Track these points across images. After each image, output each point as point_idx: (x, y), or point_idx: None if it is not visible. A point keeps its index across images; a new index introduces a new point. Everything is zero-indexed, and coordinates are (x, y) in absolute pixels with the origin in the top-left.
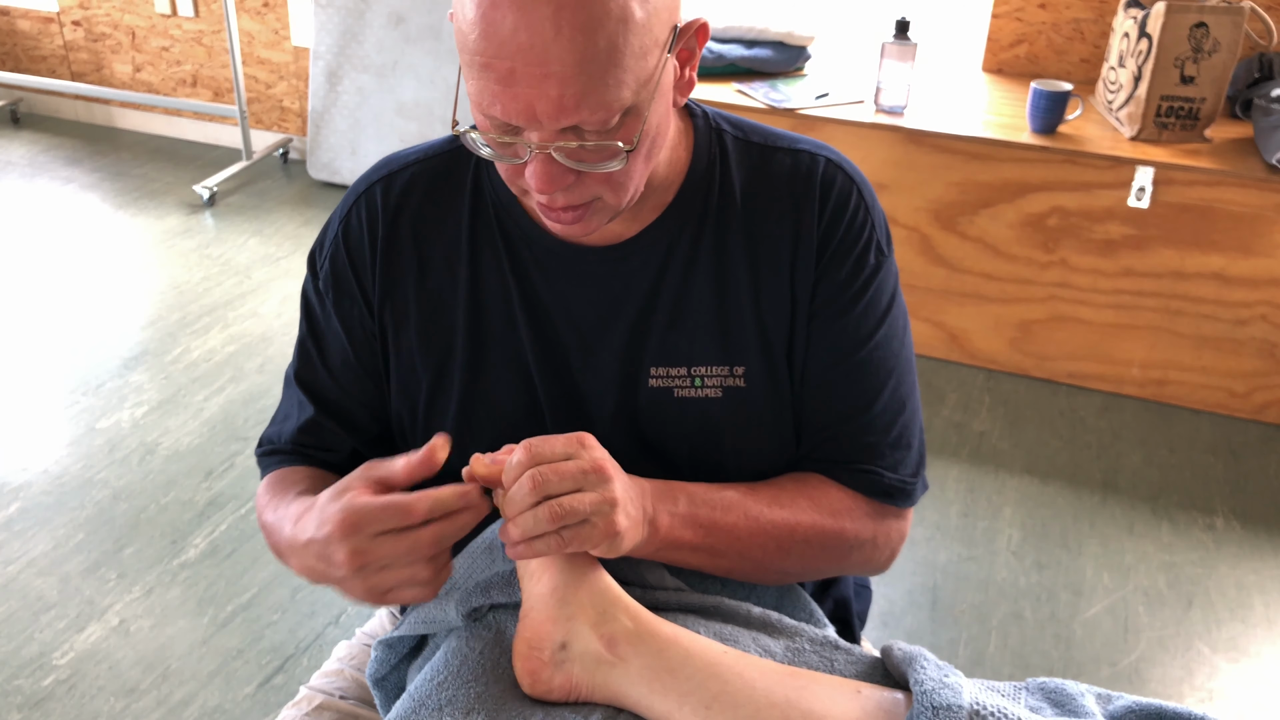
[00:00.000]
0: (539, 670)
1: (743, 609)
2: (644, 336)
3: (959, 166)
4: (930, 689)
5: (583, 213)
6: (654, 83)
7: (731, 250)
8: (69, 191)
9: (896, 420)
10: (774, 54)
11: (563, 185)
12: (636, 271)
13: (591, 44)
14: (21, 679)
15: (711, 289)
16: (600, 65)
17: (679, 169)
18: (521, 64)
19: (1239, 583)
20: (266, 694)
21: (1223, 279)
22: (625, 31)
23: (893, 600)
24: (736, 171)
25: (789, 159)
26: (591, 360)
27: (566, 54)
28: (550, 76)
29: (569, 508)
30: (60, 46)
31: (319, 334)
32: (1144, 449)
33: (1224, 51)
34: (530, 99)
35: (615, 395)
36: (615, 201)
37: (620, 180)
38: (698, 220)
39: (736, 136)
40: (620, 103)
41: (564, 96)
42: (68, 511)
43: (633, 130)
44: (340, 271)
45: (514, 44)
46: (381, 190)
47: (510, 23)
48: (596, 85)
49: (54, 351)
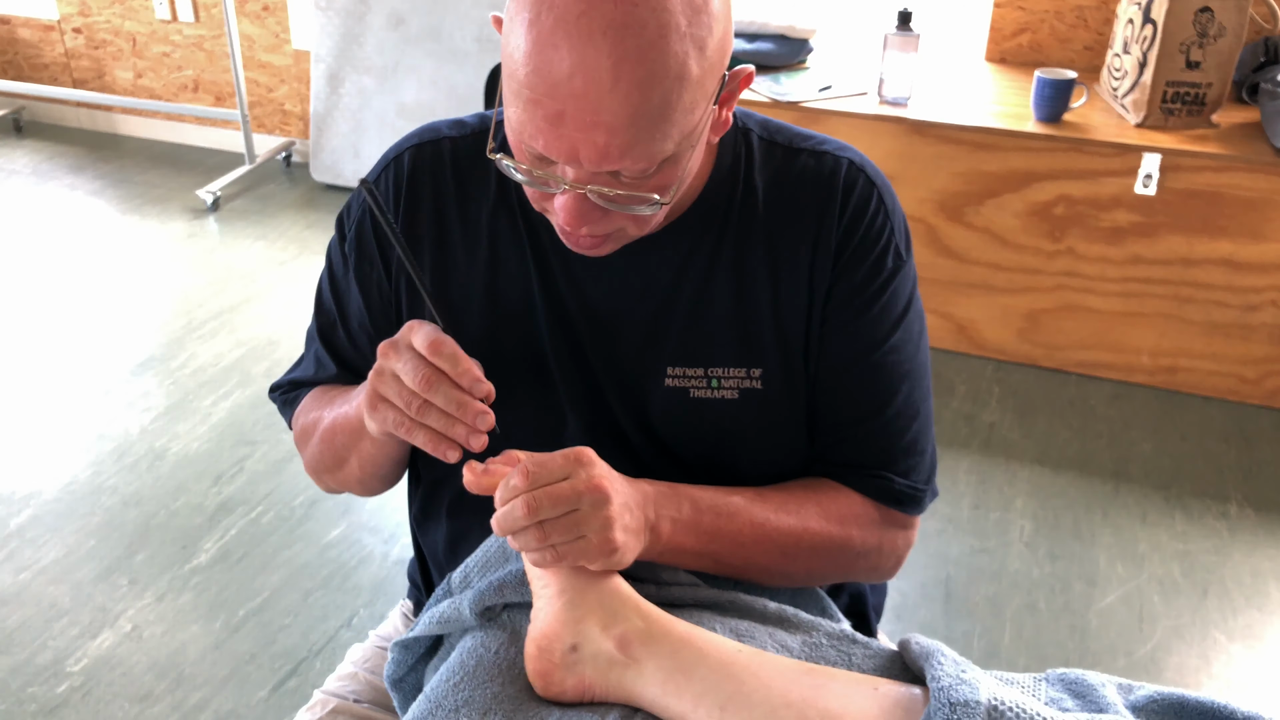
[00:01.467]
0: (550, 672)
1: (758, 604)
2: (662, 335)
3: (964, 157)
4: (947, 685)
5: (602, 240)
6: (697, 133)
7: (752, 251)
8: (73, 199)
9: (910, 426)
10: (776, 47)
11: (590, 222)
12: (656, 269)
13: (647, 99)
14: (36, 686)
15: (731, 290)
16: (652, 120)
17: (704, 169)
18: (573, 109)
19: (1254, 570)
20: (280, 698)
21: (1232, 265)
22: (680, 88)
23: (906, 593)
24: (760, 172)
25: (812, 160)
26: (608, 354)
27: (621, 107)
28: (600, 125)
29: (559, 528)
30: (61, 54)
31: (339, 294)
32: (1155, 437)
33: (1229, 36)
34: (576, 142)
35: (631, 392)
36: (637, 233)
37: (646, 218)
38: (720, 221)
39: (762, 137)
40: (663, 154)
41: (610, 145)
42: (78, 518)
43: (669, 178)
44: (364, 234)
45: (568, 89)
46: (411, 158)
47: (567, 66)
48: (644, 138)
49: (61, 359)
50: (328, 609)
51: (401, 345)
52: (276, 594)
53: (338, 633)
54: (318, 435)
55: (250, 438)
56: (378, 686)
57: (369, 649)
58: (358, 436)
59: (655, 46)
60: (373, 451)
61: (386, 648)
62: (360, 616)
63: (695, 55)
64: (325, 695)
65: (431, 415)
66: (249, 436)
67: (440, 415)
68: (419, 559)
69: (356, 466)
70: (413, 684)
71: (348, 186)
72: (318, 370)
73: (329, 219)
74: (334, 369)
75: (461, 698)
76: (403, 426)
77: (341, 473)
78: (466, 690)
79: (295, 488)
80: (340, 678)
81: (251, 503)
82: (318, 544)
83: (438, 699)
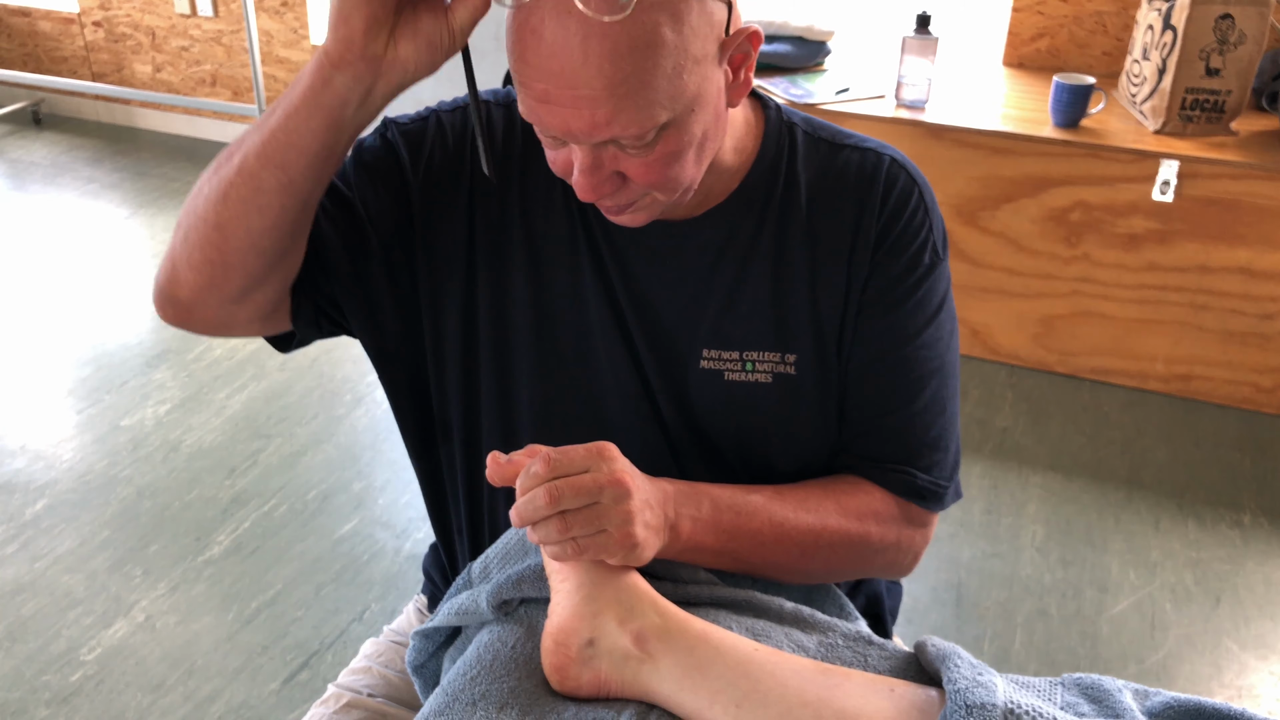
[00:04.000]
0: (566, 667)
1: (775, 604)
2: (698, 317)
3: (981, 161)
4: (964, 687)
5: (627, 205)
6: (698, 97)
7: (792, 241)
8: (91, 191)
9: (935, 422)
10: (794, 49)
11: (607, 192)
12: (695, 252)
13: (619, 69)
14: (50, 674)
15: (769, 276)
16: (629, 88)
17: (746, 158)
18: (555, 86)
19: (1267, 579)
20: (292, 690)
21: (1249, 273)
22: (654, 55)
23: (917, 597)
24: (804, 166)
25: (855, 156)
26: (648, 333)
27: (594, 79)
28: (581, 99)
29: (581, 520)
30: (81, 47)
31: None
32: (1169, 445)
33: (1250, 43)
34: (565, 117)
35: (669, 372)
36: (667, 198)
37: (672, 180)
38: (760, 209)
39: (807, 132)
40: (654, 120)
41: (595, 116)
42: (93, 509)
43: (676, 143)
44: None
45: (546, 68)
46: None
47: (543, 48)
48: (626, 106)
49: (77, 351)
50: (340, 603)
51: None
52: (289, 587)
53: (349, 626)
54: (220, 157)
55: (264, 431)
56: (391, 681)
57: (383, 644)
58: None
59: (618, 20)
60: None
61: (400, 643)
62: (372, 611)
63: (670, 23)
64: (338, 689)
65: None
66: (263, 430)
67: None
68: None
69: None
70: (434, 670)
71: None
72: None
73: None
74: None
75: (478, 692)
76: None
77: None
78: (483, 685)
79: (309, 482)
80: (354, 672)
81: (265, 496)
82: (330, 538)
83: (454, 693)
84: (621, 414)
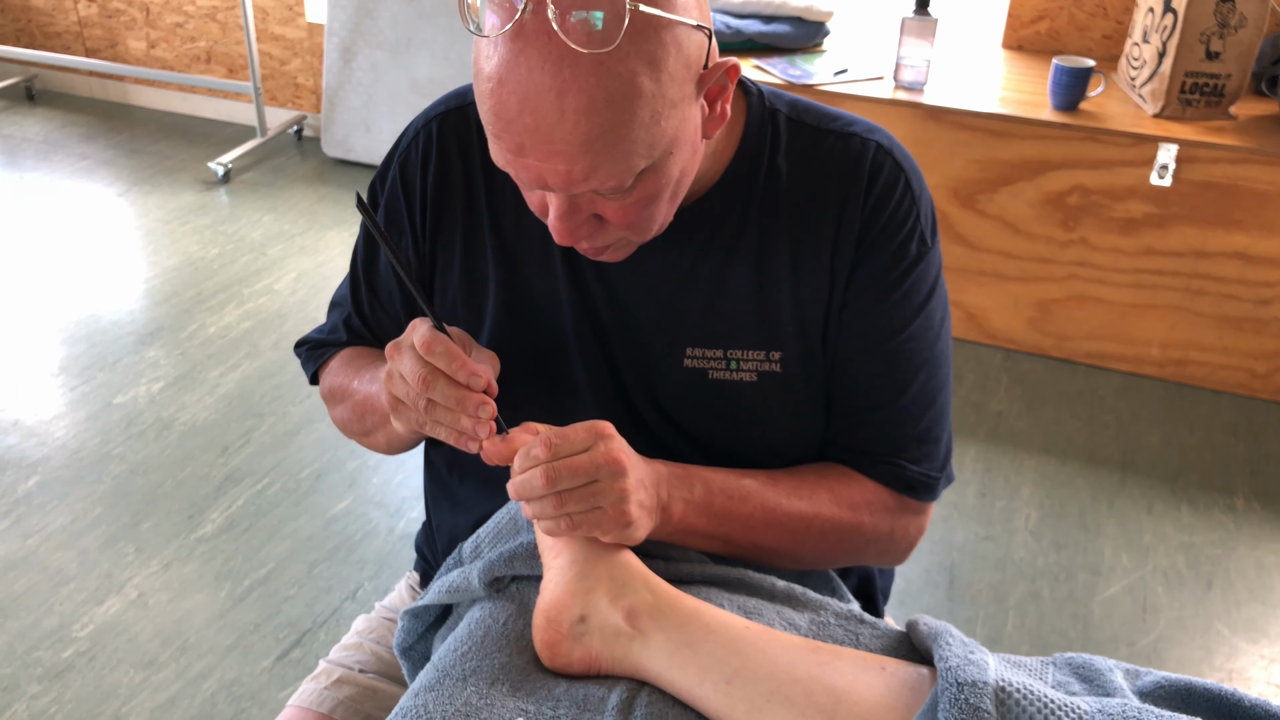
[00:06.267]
0: (558, 643)
1: (767, 582)
2: (682, 316)
3: (979, 144)
4: (955, 665)
5: (605, 246)
6: (675, 140)
7: (775, 234)
8: (84, 168)
9: (925, 414)
10: (792, 29)
11: (585, 235)
12: (677, 250)
13: (596, 124)
14: (41, 650)
15: (752, 272)
16: (607, 142)
17: (726, 150)
18: (529, 141)
19: (1259, 563)
20: (284, 667)
21: (1245, 258)
22: (632, 107)
23: (910, 579)
24: (785, 154)
25: (839, 143)
26: (627, 334)
27: (571, 135)
28: (558, 154)
29: (576, 497)
30: (75, 23)
31: (369, 260)
32: (1163, 429)
33: (1250, 27)
34: (541, 171)
35: (649, 372)
36: (639, 239)
37: (646, 220)
38: (742, 202)
39: (790, 118)
40: (632, 170)
41: (572, 171)
42: (86, 486)
43: (654, 187)
44: (394, 206)
45: (520, 124)
46: (439, 125)
47: (515, 104)
48: (604, 160)
49: (70, 328)
50: (332, 581)
51: (404, 346)
52: (281, 565)
53: (342, 605)
54: (349, 404)
55: (258, 409)
56: (382, 657)
57: (374, 620)
58: (385, 419)
59: (594, 73)
60: (402, 433)
61: (391, 619)
62: (365, 589)
63: (647, 71)
64: (330, 665)
65: (437, 412)
66: (257, 408)
67: (445, 411)
68: (428, 529)
69: (384, 441)
70: (421, 652)
71: (359, 162)
72: (342, 334)
73: (339, 193)
74: (356, 334)
75: (469, 667)
76: (424, 425)
77: (369, 440)
78: (474, 660)
79: (302, 460)
80: (345, 648)
81: (258, 474)
82: (323, 516)
83: (445, 668)
84: (597, 415)
